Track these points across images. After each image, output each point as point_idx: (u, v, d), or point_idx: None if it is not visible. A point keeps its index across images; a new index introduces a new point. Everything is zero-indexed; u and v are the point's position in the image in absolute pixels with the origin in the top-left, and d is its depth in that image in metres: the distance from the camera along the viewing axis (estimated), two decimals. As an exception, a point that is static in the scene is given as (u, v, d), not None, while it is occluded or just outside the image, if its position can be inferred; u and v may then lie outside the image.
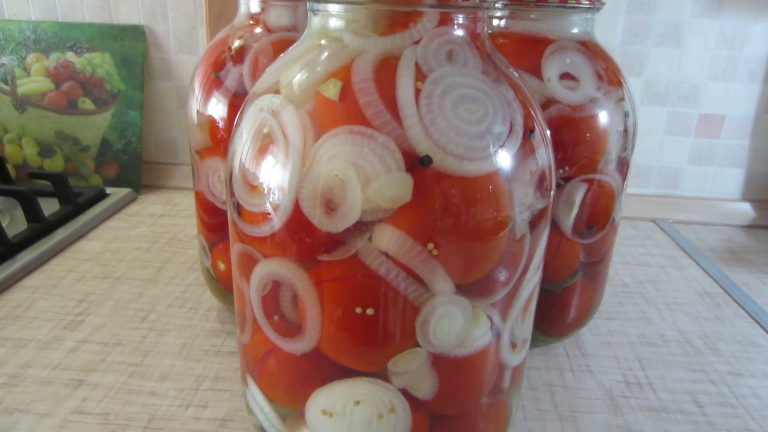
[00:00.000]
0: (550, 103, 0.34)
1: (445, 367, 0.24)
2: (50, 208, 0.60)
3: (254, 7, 0.38)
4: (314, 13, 0.24)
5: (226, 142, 0.37)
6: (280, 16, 0.37)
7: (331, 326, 0.23)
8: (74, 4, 0.69)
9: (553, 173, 0.25)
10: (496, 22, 0.35)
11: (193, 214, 0.65)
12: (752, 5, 0.63)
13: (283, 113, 0.23)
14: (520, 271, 0.24)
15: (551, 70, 0.34)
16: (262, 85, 0.25)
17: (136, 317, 0.44)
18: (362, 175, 0.21)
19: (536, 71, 0.34)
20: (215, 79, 0.37)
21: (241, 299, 0.27)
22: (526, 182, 0.23)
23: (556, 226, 0.36)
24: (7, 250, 0.51)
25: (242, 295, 0.26)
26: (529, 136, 0.23)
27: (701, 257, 0.59)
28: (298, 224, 0.22)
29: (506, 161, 0.22)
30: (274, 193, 0.23)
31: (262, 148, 0.23)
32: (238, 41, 0.38)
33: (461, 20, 0.23)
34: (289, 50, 0.26)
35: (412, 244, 0.21)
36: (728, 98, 0.67)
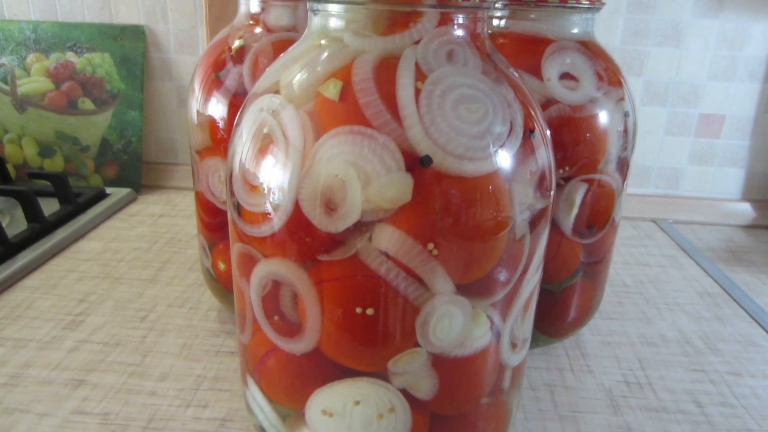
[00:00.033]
0: (550, 103, 0.34)
1: (445, 367, 0.24)
2: (50, 208, 0.60)
3: (254, 7, 0.38)
4: (314, 13, 0.24)
5: (226, 142, 0.37)
6: (280, 16, 0.37)
7: (331, 326, 0.23)
8: (74, 4, 0.69)
9: (553, 173, 0.25)
10: (496, 22, 0.35)
11: (193, 214, 0.65)
12: (752, 5, 0.63)
13: (283, 113, 0.23)
14: (520, 271, 0.24)
15: (551, 70, 0.34)
16: (262, 85, 0.25)
17: (136, 317, 0.44)
18: (362, 175, 0.21)
19: (536, 71, 0.34)
20: (215, 79, 0.37)
21: (241, 299, 0.27)
22: (526, 182, 0.23)
23: (556, 226, 0.36)
24: (7, 250, 0.51)
25: (242, 295, 0.26)
26: (529, 136, 0.23)
27: (701, 257, 0.59)
28: (298, 224, 0.22)
29: (506, 161, 0.22)
30: (274, 193, 0.23)
31: (262, 148, 0.23)
32: (238, 41, 0.38)
33: (461, 20, 0.23)
34: (289, 50, 0.26)
35: (412, 244, 0.21)
36: (728, 98, 0.67)
